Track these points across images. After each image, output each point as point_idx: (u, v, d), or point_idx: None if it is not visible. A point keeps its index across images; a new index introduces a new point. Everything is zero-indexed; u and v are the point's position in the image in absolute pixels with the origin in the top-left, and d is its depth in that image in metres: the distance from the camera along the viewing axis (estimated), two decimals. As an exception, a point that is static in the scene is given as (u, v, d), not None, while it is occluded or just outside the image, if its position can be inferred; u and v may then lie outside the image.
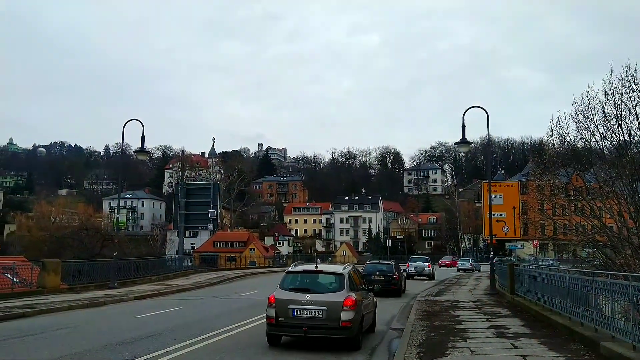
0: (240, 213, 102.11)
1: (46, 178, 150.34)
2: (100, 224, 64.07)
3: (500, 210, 25.73)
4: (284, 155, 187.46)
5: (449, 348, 9.77)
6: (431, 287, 28.65)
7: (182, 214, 40.88)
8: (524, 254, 50.70)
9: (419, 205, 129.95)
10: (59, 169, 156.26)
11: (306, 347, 10.65)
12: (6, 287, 20.02)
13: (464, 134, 21.38)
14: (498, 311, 16.22)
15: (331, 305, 10.42)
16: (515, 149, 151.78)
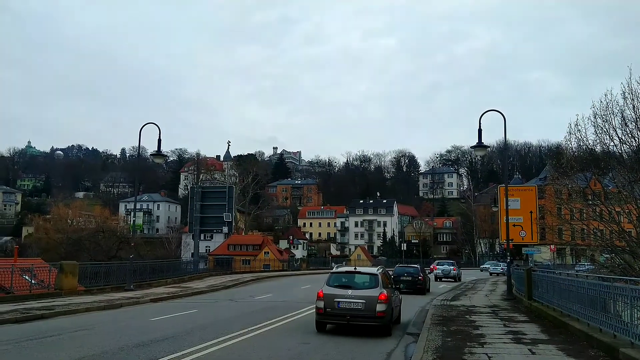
0: (254, 216, 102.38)
1: (63, 181, 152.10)
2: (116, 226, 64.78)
3: (517, 214, 25.50)
4: (299, 158, 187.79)
5: (465, 353, 9.69)
6: (453, 288, 31.48)
7: (197, 216, 41.02)
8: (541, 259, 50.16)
9: (434, 209, 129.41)
10: (76, 172, 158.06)
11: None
12: (24, 289, 20.24)
13: (480, 138, 21.23)
14: (515, 317, 16.06)
15: (369, 299, 12.86)
16: (532, 153, 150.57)
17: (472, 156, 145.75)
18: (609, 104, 18.26)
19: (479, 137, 21.21)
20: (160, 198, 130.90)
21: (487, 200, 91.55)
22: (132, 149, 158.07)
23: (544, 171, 58.85)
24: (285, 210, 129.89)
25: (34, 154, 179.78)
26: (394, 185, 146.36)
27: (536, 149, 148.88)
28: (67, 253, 47.18)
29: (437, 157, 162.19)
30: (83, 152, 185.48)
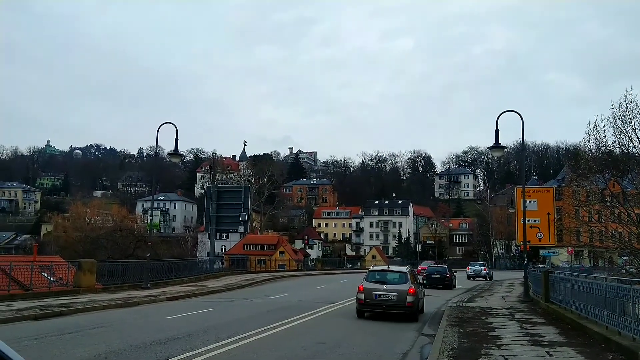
0: (270, 216, 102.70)
1: (82, 180, 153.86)
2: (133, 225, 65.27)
3: (535, 216, 25.30)
4: (314, 158, 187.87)
5: (482, 355, 9.64)
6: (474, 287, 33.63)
7: (213, 216, 41.26)
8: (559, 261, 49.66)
9: (450, 210, 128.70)
10: (94, 171, 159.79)
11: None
12: (44, 286, 20.52)
13: (497, 138, 21.09)
14: (532, 319, 15.93)
15: (400, 292, 15.92)
16: (549, 154, 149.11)
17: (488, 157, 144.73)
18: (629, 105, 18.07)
19: (496, 137, 21.07)
20: (176, 197, 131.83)
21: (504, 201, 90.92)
22: (150, 149, 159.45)
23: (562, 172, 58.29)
24: (300, 211, 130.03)
25: (53, 153, 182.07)
26: (410, 186, 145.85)
27: (554, 150, 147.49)
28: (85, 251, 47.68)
29: (454, 158, 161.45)
30: (101, 152, 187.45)
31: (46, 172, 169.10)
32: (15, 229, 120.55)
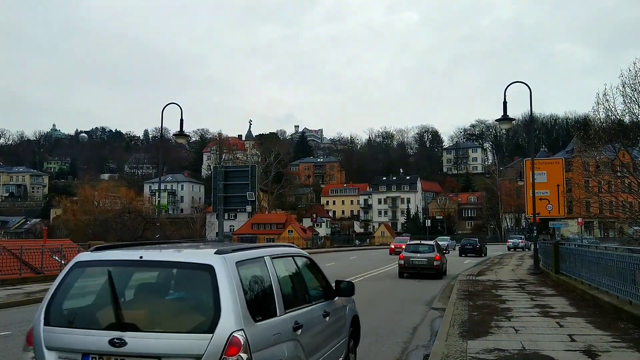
0: (277, 195, 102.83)
1: (88, 163, 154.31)
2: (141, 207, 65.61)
3: (544, 188, 25.11)
4: (321, 136, 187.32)
5: (492, 327, 9.61)
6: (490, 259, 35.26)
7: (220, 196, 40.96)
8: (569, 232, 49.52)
9: (458, 184, 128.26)
10: (100, 154, 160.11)
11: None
12: (55, 269, 20.67)
13: (505, 110, 20.82)
14: (542, 290, 15.89)
15: (429, 258, 22.17)
16: (558, 125, 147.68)
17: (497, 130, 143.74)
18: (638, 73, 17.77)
19: (504, 109, 20.81)
20: (183, 178, 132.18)
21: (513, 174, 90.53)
22: (155, 130, 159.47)
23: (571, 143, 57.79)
24: (307, 189, 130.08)
25: (59, 136, 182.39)
26: (417, 162, 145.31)
27: (563, 121, 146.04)
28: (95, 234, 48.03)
29: (461, 131, 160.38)
30: (107, 135, 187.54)
31: (53, 156, 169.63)
32: (24, 213, 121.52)
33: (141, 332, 3.88)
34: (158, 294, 4.45)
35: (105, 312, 4.11)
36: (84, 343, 3.94)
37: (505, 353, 7.48)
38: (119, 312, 4.01)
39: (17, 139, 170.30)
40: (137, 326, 3.92)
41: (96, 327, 4.01)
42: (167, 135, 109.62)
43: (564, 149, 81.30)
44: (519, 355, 7.33)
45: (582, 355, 7.33)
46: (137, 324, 3.94)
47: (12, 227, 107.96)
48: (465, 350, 7.71)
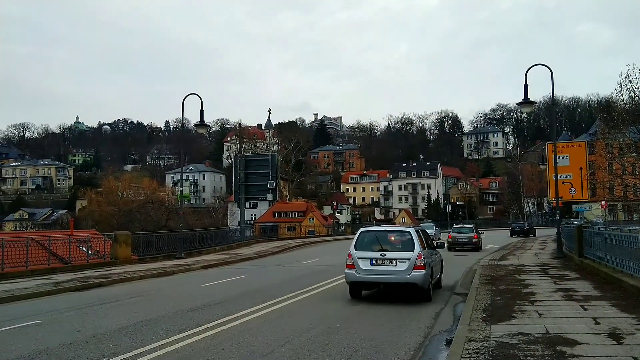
0: (298, 183, 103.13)
1: (112, 154, 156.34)
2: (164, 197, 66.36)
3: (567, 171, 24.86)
4: (340, 124, 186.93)
5: (515, 312, 9.61)
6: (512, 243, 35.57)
7: (242, 185, 41.61)
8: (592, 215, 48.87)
9: (479, 169, 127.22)
10: (123, 146, 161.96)
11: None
12: (82, 259, 21.12)
13: (526, 94, 20.58)
14: (566, 274, 15.79)
15: (470, 237, 30.49)
16: (581, 108, 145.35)
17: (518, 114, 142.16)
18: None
19: (525, 93, 20.56)
20: (205, 168, 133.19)
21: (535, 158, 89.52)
22: (176, 121, 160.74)
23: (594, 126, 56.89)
24: (327, 177, 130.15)
25: (82, 129, 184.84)
26: (437, 147, 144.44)
27: (585, 103, 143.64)
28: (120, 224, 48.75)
29: (482, 116, 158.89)
30: (129, 126, 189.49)
31: (77, 149, 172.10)
32: (51, 205, 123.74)
33: (390, 252, 12.33)
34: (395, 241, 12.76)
35: (376, 245, 12.56)
36: (369, 255, 12.39)
37: (529, 337, 7.50)
38: (382, 246, 12.53)
39: (42, 132, 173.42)
40: (389, 250, 12.40)
41: (373, 250, 12.44)
42: (188, 125, 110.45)
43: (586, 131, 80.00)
44: (543, 339, 7.35)
45: (607, 338, 7.32)
46: (389, 249, 12.43)
47: (39, 218, 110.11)
48: (488, 334, 7.75)
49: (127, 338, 8.57)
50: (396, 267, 12.06)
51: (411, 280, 11.94)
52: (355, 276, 12.36)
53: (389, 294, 13.17)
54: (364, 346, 7.83)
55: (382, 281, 12.40)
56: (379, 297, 12.94)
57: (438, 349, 7.85)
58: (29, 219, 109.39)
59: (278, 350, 7.66)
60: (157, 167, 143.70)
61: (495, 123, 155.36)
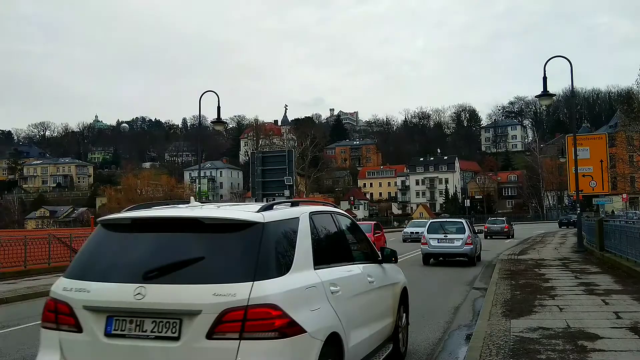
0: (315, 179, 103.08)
1: (130, 152, 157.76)
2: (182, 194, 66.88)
3: (587, 164, 24.53)
4: (356, 119, 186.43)
5: (536, 306, 9.54)
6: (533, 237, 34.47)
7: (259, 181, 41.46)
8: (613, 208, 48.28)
9: (497, 163, 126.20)
10: (141, 143, 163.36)
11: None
12: (103, 256, 21.37)
13: (545, 86, 20.33)
14: (587, 268, 15.63)
15: (502, 227, 39.43)
16: (601, 100, 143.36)
17: (537, 106, 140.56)
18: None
19: (544, 85, 20.33)
20: (222, 165, 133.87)
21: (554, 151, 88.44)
22: (193, 118, 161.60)
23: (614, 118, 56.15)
24: (344, 172, 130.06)
25: (101, 127, 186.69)
26: (455, 141, 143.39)
27: (605, 95, 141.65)
28: (139, 221, 49.15)
29: (500, 109, 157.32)
30: (147, 124, 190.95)
31: (96, 147, 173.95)
32: (71, 203, 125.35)
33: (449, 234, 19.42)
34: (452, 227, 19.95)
35: (441, 230, 19.63)
36: (436, 236, 19.46)
37: (550, 331, 7.44)
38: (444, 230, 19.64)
39: (62, 131, 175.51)
40: (449, 233, 19.53)
41: (438, 233, 19.53)
42: (205, 122, 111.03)
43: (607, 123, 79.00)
44: (564, 334, 7.29)
45: (629, 332, 7.24)
46: (448, 232, 19.45)
47: (60, 216, 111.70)
48: (508, 329, 7.70)
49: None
50: (454, 243, 18.86)
51: (463, 252, 18.77)
52: (427, 250, 19.46)
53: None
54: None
55: (445, 252, 19.20)
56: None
57: (458, 344, 7.83)
58: (50, 216, 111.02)
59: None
60: (175, 164, 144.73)
61: (513, 116, 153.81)
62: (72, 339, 3.90)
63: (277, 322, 3.55)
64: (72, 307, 3.90)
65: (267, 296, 3.58)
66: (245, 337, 3.50)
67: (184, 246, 3.96)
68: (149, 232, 4.13)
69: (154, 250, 3.96)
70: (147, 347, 3.64)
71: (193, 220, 4.03)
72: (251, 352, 3.48)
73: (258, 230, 3.88)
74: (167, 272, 3.74)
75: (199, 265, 3.77)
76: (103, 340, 3.73)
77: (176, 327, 3.61)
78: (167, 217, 4.26)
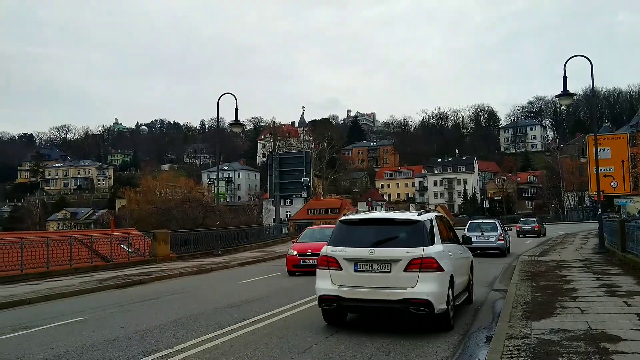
0: (332, 180, 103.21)
1: (149, 154, 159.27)
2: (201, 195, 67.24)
3: (608, 164, 24.18)
4: (373, 119, 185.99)
5: (557, 308, 9.44)
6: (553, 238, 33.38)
7: (276, 183, 41.87)
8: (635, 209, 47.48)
9: (517, 163, 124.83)
10: (160, 145, 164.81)
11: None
12: (123, 257, 21.63)
13: (565, 86, 20.10)
14: (608, 270, 15.41)
15: (532, 226, 41.39)
16: (622, 99, 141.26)
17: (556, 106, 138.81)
18: None
19: (564, 85, 20.10)
20: (240, 167, 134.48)
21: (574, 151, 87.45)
22: (211, 120, 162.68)
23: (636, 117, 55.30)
24: (362, 173, 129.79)
25: (121, 130, 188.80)
26: (473, 142, 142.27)
27: (626, 94, 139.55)
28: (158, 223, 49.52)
29: (519, 109, 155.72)
30: (165, 126, 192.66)
31: (116, 149, 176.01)
32: (92, 204, 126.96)
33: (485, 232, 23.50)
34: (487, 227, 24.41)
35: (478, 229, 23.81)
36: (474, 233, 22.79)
37: (571, 333, 7.36)
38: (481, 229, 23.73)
39: (83, 133, 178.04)
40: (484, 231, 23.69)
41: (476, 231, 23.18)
42: (223, 124, 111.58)
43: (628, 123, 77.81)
44: (586, 336, 7.21)
45: (652, 335, 7.13)
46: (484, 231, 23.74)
47: (81, 218, 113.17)
48: (529, 331, 7.64)
49: (169, 334, 8.75)
50: (489, 239, 22.96)
51: (496, 246, 23.03)
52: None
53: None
54: (403, 342, 7.81)
55: (482, 247, 22.62)
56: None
57: (478, 346, 7.77)
58: (71, 218, 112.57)
59: (317, 346, 7.71)
60: (193, 166, 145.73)
61: (533, 116, 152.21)
62: (336, 273, 8.37)
63: (434, 265, 8.03)
64: (336, 258, 8.39)
65: (430, 253, 8.08)
66: (422, 270, 7.94)
67: (388, 231, 8.63)
68: (368, 225, 9.00)
69: (373, 233, 8.60)
70: (374, 276, 8.14)
71: (390, 219, 9.13)
72: (424, 277, 7.93)
73: (420, 224, 8.52)
74: (383, 242, 8.27)
75: (396, 239, 8.36)
76: (353, 273, 8.25)
77: (389, 267, 8.10)
78: (376, 218, 9.38)
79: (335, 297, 8.28)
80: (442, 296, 8.12)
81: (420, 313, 7.93)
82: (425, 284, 7.90)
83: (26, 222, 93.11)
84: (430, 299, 7.87)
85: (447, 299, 8.24)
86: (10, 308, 12.35)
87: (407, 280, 7.94)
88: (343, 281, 8.26)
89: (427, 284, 7.91)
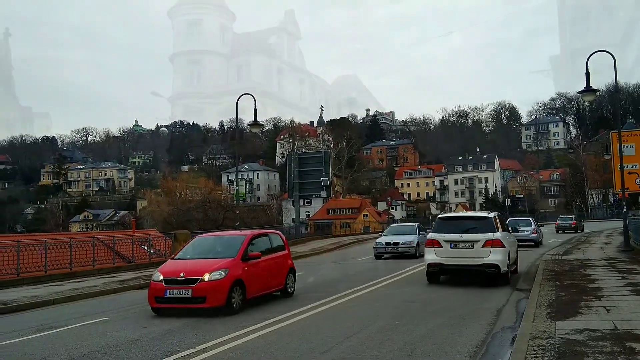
0: (351, 180, 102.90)
1: (169, 156, 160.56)
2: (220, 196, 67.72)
3: (633, 161, 23.79)
4: (392, 118, 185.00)
5: (582, 307, 9.28)
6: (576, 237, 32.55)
7: (296, 183, 41.87)
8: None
9: (539, 161, 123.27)
10: (179, 147, 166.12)
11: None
12: (144, 258, 21.82)
13: (588, 82, 19.78)
14: (634, 268, 15.11)
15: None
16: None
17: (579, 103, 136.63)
18: None
19: (587, 81, 19.78)
20: (259, 167, 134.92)
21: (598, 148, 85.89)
22: (230, 121, 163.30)
23: (661, 113, 54.07)
24: (381, 172, 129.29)
25: (141, 132, 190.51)
26: (494, 140, 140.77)
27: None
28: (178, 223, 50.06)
29: (541, 106, 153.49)
30: (185, 128, 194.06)
31: (136, 151, 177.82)
32: (113, 206, 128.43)
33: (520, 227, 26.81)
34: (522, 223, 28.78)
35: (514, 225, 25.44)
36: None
37: (597, 333, 7.23)
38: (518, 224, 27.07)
39: (104, 135, 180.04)
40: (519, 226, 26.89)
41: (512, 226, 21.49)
42: (242, 125, 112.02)
43: (653, 118, 76.11)
44: (611, 335, 7.07)
45: (682, 335, 6.96)
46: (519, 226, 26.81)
47: (103, 219, 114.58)
48: (553, 331, 7.52)
49: (191, 334, 8.79)
50: (524, 233, 26.36)
51: (531, 238, 27.03)
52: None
53: (448, 290, 13.03)
54: (425, 342, 7.75)
55: (518, 239, 21.73)
56: (444, 288, 12.77)
57: (501, 346, 7.67)
58: (93, 219, 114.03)
59: (337, 346, 7.68)
60: (212, 167, 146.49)
61: (555, 113, 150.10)
62: (439, 249, 13.60)
63: (500, 243, 13.26)
64: (439, 240, 13.64)
65: (497, 236, 13.32)
66: (493, 247, 13.16)
67: (470, 223, 14.00)
68: (457, 220, 14.95)
69: (461, 224, 14.07)
70: (463, 250, 13.43)
71: (470, 216, 15.52)
72: (494, 251, 13.11)
73: (490, 219, 13.90)
74: (468, 230, 13.57)
75: (475, 228, 13.61)
76: (449, 249, 13.50)
77: (472, 245, 13.32)
78: (462, 215, 16.04)
79: (438, 264, 13.52)
80: (505, 263, 13.12)
81: (492, 272, 13.00)
82: (495, 255, 12.99)
83: (49, 223, 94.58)
84: (498, 263, 12.95)
85: (507, 265, 13.29)
86: (35, 309, 12.54)
87: (484, 253, 13.02)
88: (443, 254, 13.45)
89: (496, 255, 13.00)
